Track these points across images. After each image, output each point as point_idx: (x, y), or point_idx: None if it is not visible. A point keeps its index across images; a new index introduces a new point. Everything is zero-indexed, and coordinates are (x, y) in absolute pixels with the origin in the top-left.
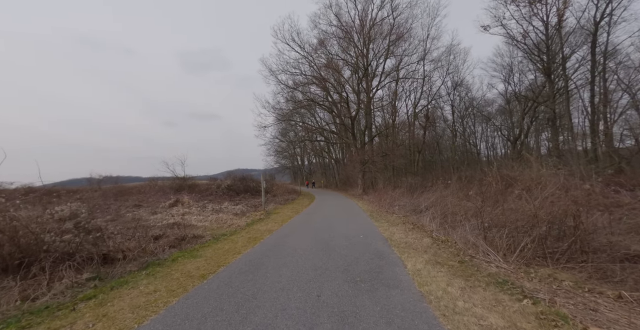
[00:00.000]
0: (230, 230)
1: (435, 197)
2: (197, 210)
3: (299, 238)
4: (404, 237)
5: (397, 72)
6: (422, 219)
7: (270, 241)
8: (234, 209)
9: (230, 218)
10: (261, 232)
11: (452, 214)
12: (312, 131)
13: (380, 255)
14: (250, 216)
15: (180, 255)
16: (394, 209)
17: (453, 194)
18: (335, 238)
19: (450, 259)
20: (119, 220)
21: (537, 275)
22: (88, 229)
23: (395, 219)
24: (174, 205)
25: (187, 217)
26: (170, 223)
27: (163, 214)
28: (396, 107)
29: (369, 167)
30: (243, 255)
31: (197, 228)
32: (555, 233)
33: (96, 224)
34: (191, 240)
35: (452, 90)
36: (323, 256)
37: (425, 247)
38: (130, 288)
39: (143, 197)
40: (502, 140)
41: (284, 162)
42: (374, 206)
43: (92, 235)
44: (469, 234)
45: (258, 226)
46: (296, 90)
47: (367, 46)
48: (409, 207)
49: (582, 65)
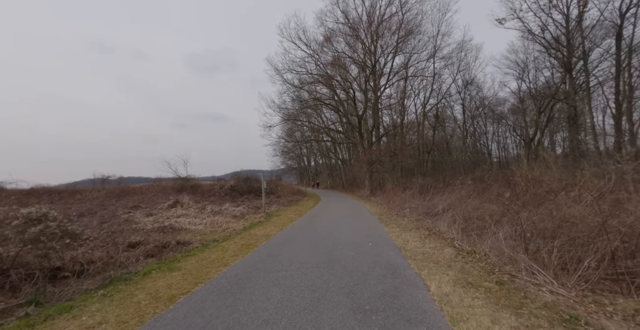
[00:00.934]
0: (223, 235)
1: (452, 199)
2: (194, 212)
3: (298, 246)
4: (420, 245)
5: (406, 70)
6: (438, 224)
7: (265, 249)
8: (234, 210)
9: (227, 221)
10: (257, 238)
11: (476, 218)
12: (318, 131)
13: (394, 270)
14: (249, 219)
15: (155, 267)
16: (405, 211)
17: (472, 196)
18: (340, 246)
19: (484, 279)
20: (111, 222)
21: (616, 309)
22: (58, 234)
23: (407, 223)
24: (173, 206)
25: (182, 220)
26: (161, 226)
27: (157, 216)
28: (405, 105)
29: (376, 168)
30: (229, 268)
31: (190, 232)
32: (632, 248)
33: (67, 229)
34: (175, 247)
35: (462, 89)
36: (324, 271)
37: (449, 259)
38: (71, 318)
39: (144, 198)
40: (514, 140)
41: (291, 163)
42: (382, 208)
43: (60, 242)
44: (504, 245)
45: (255, 230)
46: (302, 90)
47: (375, 43)
48: (422, 210)
49: (604, 60)
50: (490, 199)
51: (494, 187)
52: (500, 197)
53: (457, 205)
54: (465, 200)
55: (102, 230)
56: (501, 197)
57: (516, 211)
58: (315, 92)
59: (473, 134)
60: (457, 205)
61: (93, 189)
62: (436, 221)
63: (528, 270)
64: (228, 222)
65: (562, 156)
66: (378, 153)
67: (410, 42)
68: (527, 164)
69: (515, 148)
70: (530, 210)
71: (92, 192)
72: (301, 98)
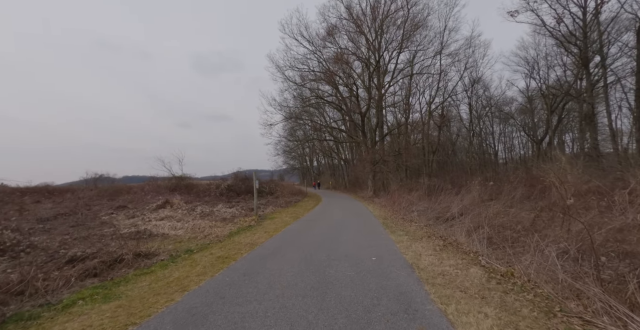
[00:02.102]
0: (202, 243)
1: (466, 202)
2: (181, 214)
3: (285, 260)
4: (437, 262)
5: (412, 67)
6: (454, 232)
7: (242, 265)
8: (226, 212)
9: (212, 225)
10: (239, 248)
11: (501, 226)
12: (320, 130)
13: (408, 304)
14: (238, 222)
15: (88, 293)
16: (412, 215)
17: (491, 199)
18: (336, 262)
19: (544, 325)
20: (84, 226)
21: None
22: None
23: (415, 229)
24: (162, 207)
25: (163, 223)
26: (136, 231)
27: (140, 218)
28: (410, 104)
29: (380, 168)
30: (186, 296)
31: (167, 238)
32: None
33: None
34: (132, 261)
35: (470, 87)
36: (312, 304)
37: (479, 286)
38: None
39: (134, 198)
40: (520, 141)
41: (293, 163)
42: (387, 211)
43: None
44: (559, 269)
45: (241, 237)
46: (304, 87)
47: (379, 39)
48: (431, 214)
49: (623, 55)
50: (511, 203)
51: (518, 189)
52: (527, 202)
53: (473, 209)
54: (484, 203)
55: (65, 236)
56: (530, 201)
57: (573, 222)
58: (318, 89)
59: (479, 134)
60: (474, 209)
61: (86, 188)
62: (450, 227)
63: (610, 314)
64: (212, 227)
65: (580, 156)
66: (382, 152)
67: (416, 38)
68: (538, 165)
69: (522, 149)
70: (587, 220)
71: (85, 191)
72: (303, 96)
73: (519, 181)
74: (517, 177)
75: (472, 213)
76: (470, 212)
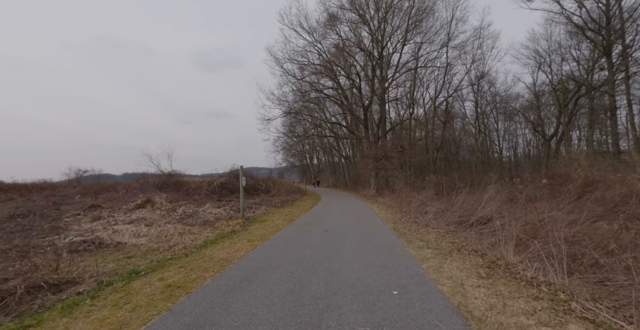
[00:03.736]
0: (161, 257)
1: (497, 203)
2: (159, 215)
3: (262, 294)
4: (497, 304)
5: (416, 60)
6: (493, 245)
7: (194, 306)
8: (211, 213)
9: (184, 231)
10: (207, 267)
11: (574, 242)
12: (320, 126)
13: None
14: (220, 226)
15: None
16: (427, 218)
17: (526, 199)
18: (339, 299)
19: None
20: (29, 232)
21: None
22: None
23: (436, 238)
24: (142, 206)
25: (127, 229)
26: (85, 240)
27: (104, 220)
28: (414, 98)
29: (383, 165)
30: None
31: (120, 250)
32: None
33: None
34: (21, 298)
35: (476, 82)
36: None
37: None
38: None
39: (114, 196)
40: (525, 138)
41: (293, 160)
42: (394, 212)
43: None
44: None
45: (216, 249)
46: (303, 81)
47: (383, 29)
48: (450, 217)
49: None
50: (572, 208)
51: (572, 190)
52: (583, 206)
53: (513, 212)
54: (530, 205)
55: None
56: (585, 204)
57: None
58: (317, 83)
59: (484, 132)
60: (515, 212)
61: (68, 184)
62: (483, 236)
63: None
64: (184, 234)
65: (592, 154)
66: (385, 148)
67: (422, 28)
68: (548, 163)
69: (525, 146)
70: None
71: (68, 189)
72: (302, 90)
73: (577, 180)
74: (551, 174)
75: (508, 217)
76: (503, 216)
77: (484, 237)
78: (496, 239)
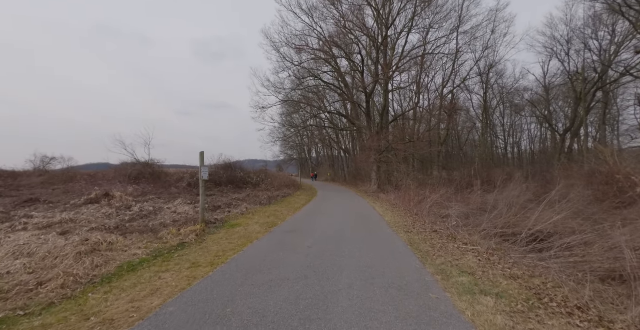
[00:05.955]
0: (9, 307)
1: (568, 211)
2: (103, 215)
3: None
4: None
5: (424, 46)
6: (584, 284)
7: None
8: (176, 213)
9: (98, 247)
10: None
11: None
12: (318, 116)
13: None
14: (165, 237)
15: None
16: (449, 225)
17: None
18: None
19: None
20: None
21: None
22: None
23: (482, 265)
24: (96, 201)
25: (20, 237)
26: None
27: (9, 224)
28: (421, 86)
29: (386, 158)
30: None
31: None
32: None
33: None
34: None
35: (486, 71)
36: None
37: None
38: None
39: (71, 188)
40: (530, 134)
41: (291, 153)
42: (404, 215)
43: None
44: None
45: (118, 291)
46: (301, 67)
47: (389, 10)
48: (487, 226)
49: None
50: None
51: None
52: None
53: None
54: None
55: None
56: None
57: None
58: (316, 70)
59: (491, 126)
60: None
61: (33, 173)
62: (557, 265)
63: None
64: (93, 253)
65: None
66: (389, 139)
67: (431, 10)
68: (561, 159)
69: (531, 142)
70: None
71: (31, 178)
72: (300, 76)
73: None
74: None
75: (591, 234)
76: (575, 231)
77: (561, 267)
78: (583, 275)
